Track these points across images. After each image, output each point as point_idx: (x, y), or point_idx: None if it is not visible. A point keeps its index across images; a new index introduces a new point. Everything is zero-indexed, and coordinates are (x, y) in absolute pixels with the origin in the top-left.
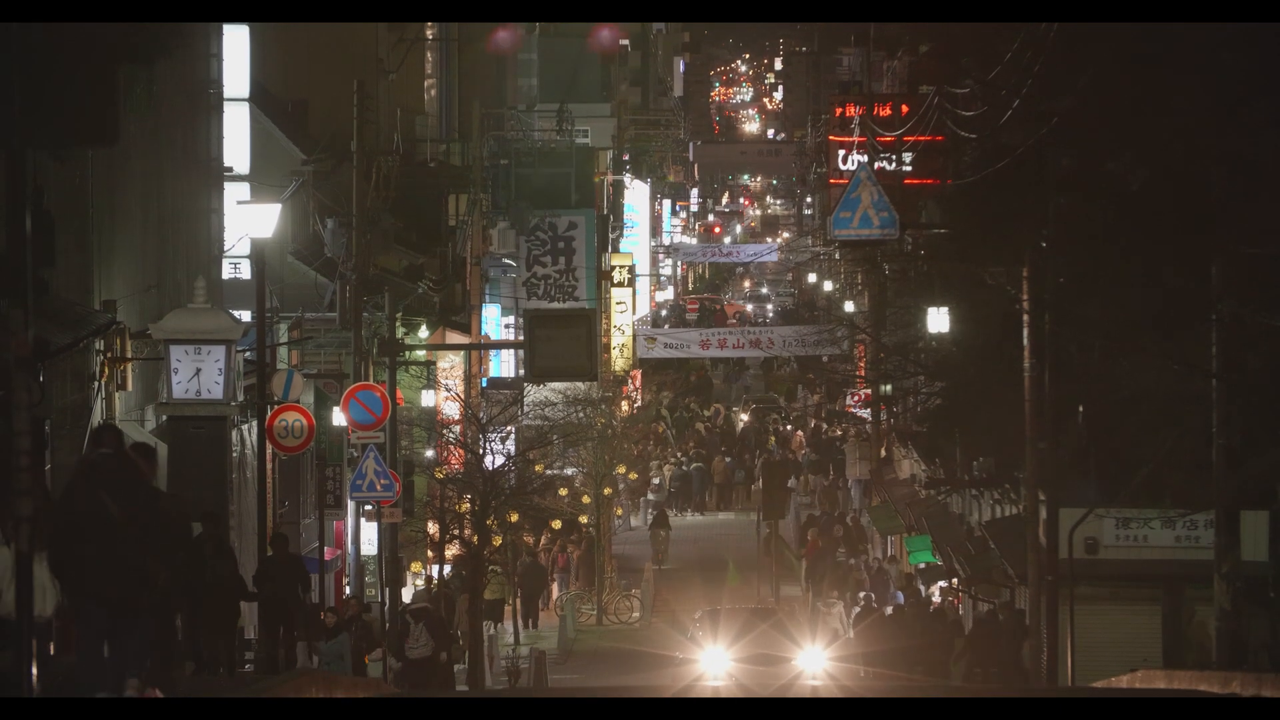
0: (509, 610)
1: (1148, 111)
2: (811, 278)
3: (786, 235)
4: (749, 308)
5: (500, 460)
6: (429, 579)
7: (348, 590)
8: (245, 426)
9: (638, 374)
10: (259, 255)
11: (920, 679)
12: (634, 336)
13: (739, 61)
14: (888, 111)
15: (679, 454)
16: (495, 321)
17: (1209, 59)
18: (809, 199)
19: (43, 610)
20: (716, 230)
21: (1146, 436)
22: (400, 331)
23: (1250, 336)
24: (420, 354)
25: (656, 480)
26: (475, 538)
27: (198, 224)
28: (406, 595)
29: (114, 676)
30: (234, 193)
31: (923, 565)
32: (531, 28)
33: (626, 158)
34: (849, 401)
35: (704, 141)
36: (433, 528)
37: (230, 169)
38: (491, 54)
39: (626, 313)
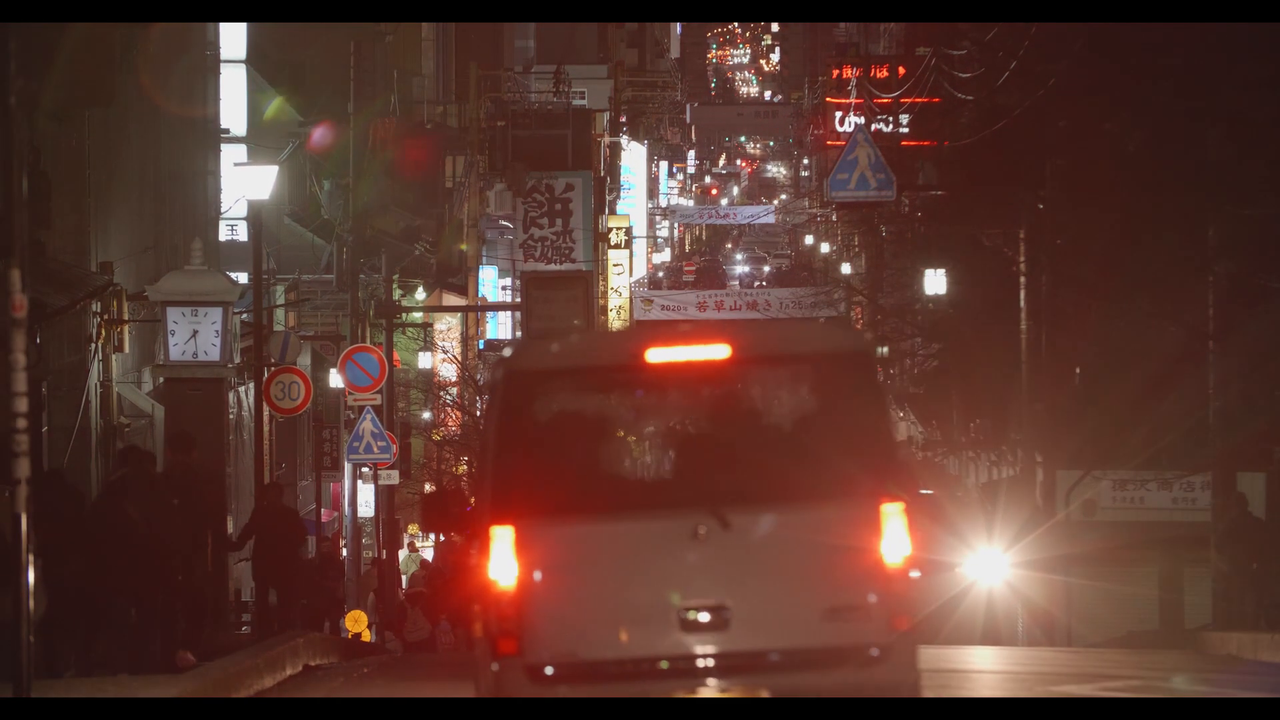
0: None
1: (1144, 71)
2: (808, 240)
3: (784, 197)
4: (745, 269)
5: None
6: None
7: (344, 552)
8: (242, 388)
9: None
10: (256, 217)
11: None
12: (631, 298)
13: (736, 23)
14: (885, 73)
15: None
16: (492, 283)
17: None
18: (805, 161)
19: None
20: (713, 192)
21: (1144, 398)
22: (397, 293)
23: (1247, 297)
24: (417, 316)
25: None
26: (474, 499)
27: (195, 186)
28: (428, 555)
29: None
30: (231, 154)
31: None
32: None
33: (623, 119)
34: None
35: (701, 103)
36: (430, 489)
37: (227, 131)
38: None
39: (623, 274)
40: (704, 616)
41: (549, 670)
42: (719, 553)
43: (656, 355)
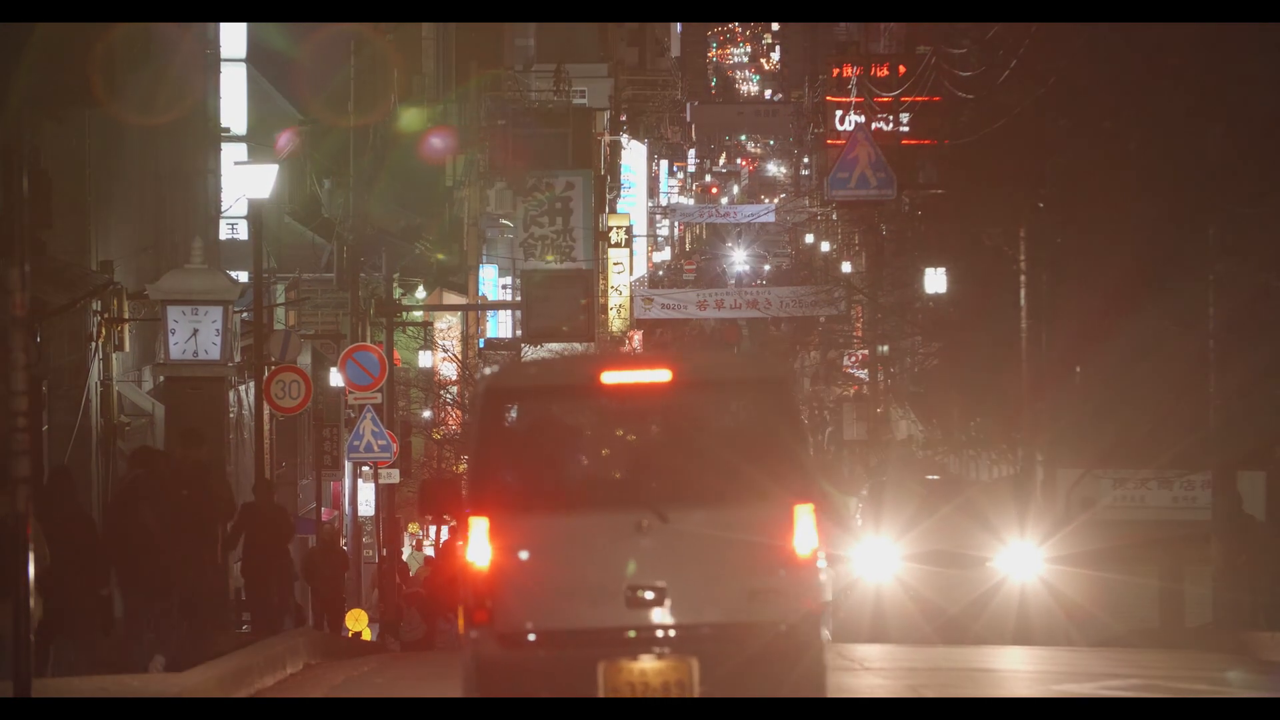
0: None
1: (1145, 70)
2: (809, 238)
3: (783, 195)
4: (745, 268)
5: None
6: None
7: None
8: (243, 387)
9: (634, 334)
10: (256, 216)
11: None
12: (631, 297)
13: (736, 21)
14: (885, 72)
15: None
16: (493, 282)
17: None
18: (806, 159)
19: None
20: (714, 191)
21: (1144, 396)
22: (397, 292)
23: (1248, 295)
24: (417, 314)
25: None
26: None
27: (195, 184)
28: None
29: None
30: (231, 153)
31: None
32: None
33: (624, 118)
34: (846, 362)
35: (701, 102)
36: (428, 477)
37: (227, 129)
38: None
39: (624, 273)
40: (647, 595)
41: (514, 637)
42: (659, 543)
43: (610, 378)
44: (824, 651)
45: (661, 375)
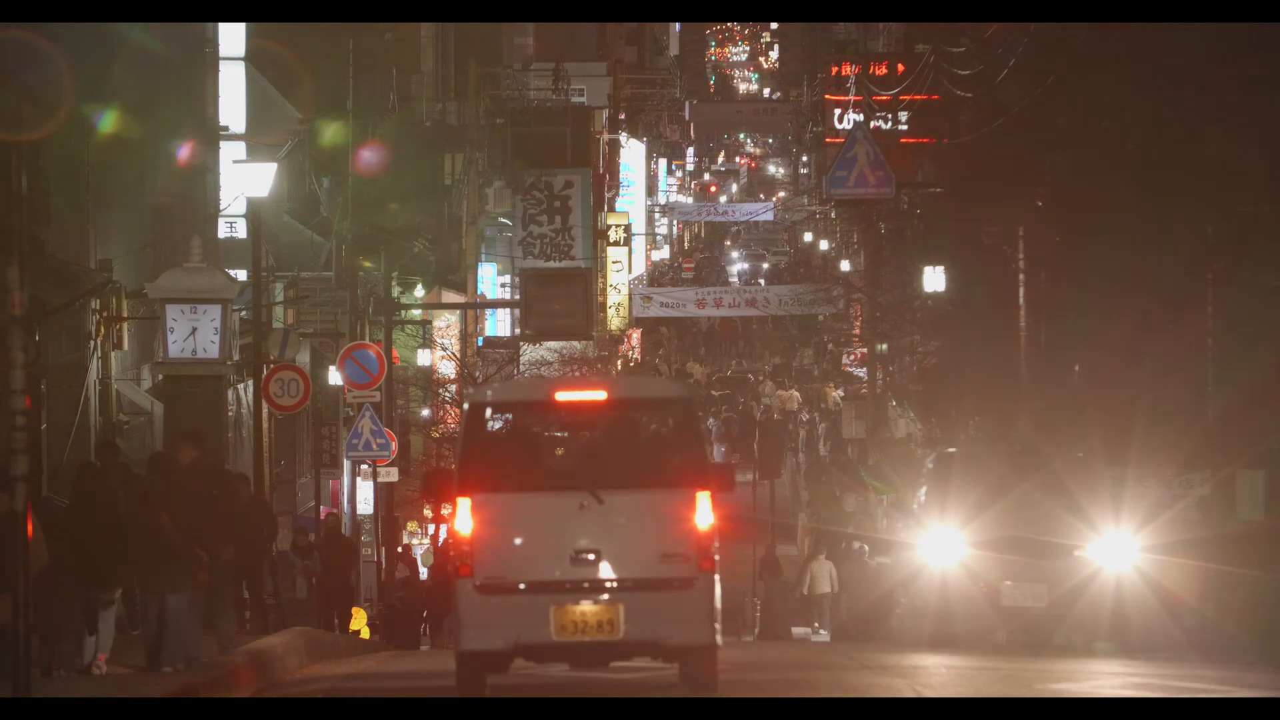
0: None
1: (1143, 69)
2: (807, 237)
3: (782, 194)
4: (744, 266)
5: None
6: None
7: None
8: (241, 386)
9: (634, 333)
10: (255, 214)
11: None
12: (630, 295)
13: (735, 21)
14: (884, 70)
15: None
16: (491, 280)
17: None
18: (805, 158)
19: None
20: (712, 189)
21: (1143, 395)
22: (396, 290)
23: (1246, 294)
24: (416, 313)
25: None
26: None
27: (193, 183)
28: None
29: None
30: (230, 152)
31: None
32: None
33: (623, 116)
34: (845, 361)
35: (700, 100)
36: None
37: (226, 128)
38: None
39: (622, 272)
40: (587, 556)
41: (489, 586)
42: (596, 518)
43: (562, 396)
44: (715, 599)
45: (599, 395)
